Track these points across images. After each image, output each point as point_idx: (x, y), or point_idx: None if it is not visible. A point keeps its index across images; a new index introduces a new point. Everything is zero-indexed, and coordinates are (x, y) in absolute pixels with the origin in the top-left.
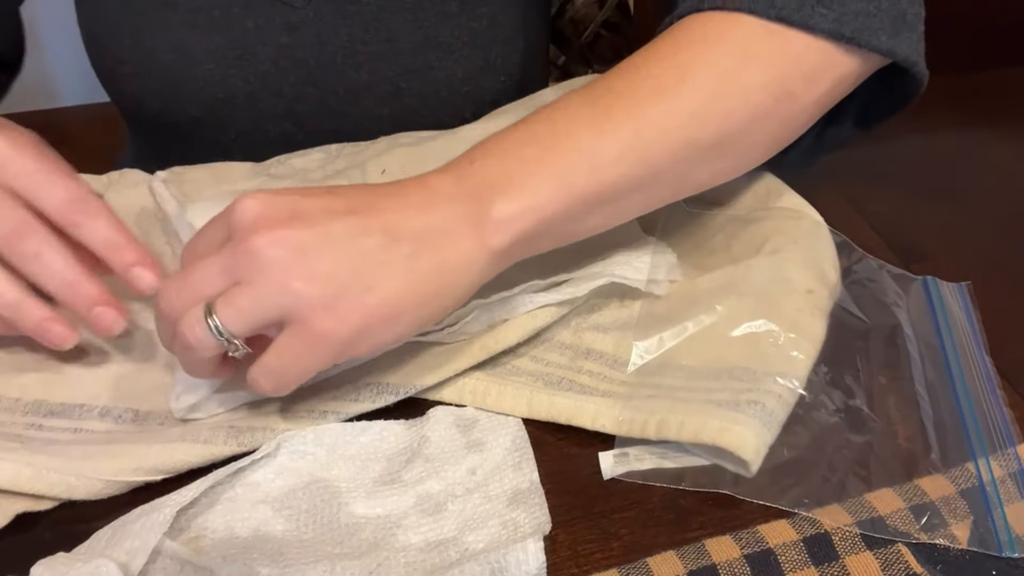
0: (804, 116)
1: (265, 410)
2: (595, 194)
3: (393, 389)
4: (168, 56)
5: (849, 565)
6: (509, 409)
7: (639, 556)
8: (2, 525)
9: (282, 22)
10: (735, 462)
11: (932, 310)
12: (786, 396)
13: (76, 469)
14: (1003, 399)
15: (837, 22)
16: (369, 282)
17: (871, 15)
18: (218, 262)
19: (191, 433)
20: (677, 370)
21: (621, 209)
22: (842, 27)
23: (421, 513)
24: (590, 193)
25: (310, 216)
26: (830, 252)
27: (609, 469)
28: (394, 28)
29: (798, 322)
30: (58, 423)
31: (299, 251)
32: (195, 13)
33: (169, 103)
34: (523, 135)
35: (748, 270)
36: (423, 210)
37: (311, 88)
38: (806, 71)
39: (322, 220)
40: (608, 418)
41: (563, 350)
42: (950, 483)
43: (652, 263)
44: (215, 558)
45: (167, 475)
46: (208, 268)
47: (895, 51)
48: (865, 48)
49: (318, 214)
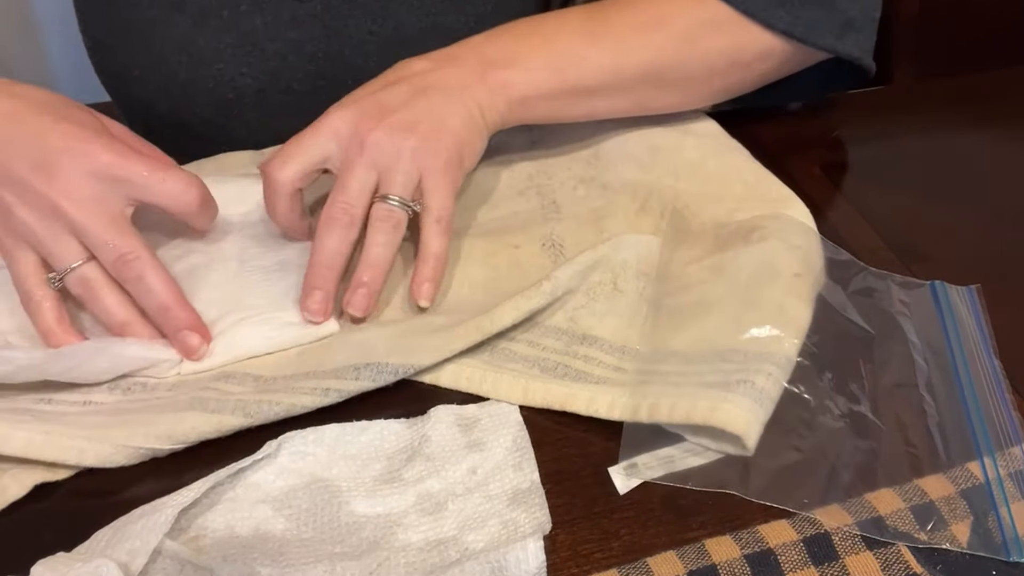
0: (751, 82)
1: (272, 386)
2: (577, 85)
3: (392, 369)
4: (177, 57)
5: (849, 565)
6: (505, 396)
7: (639, 556)
8: (20, 495)
9: (290, 17)
10: (734, 443)
11: (940, 315)
12: (776, 374)
13: (88, 435)
14: (1012, 402)
15: (791, 24)
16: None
17: (821, 21)
18: (359, 165)
19: (200, 402)
20: (670, 355)
21: (594, 106)
22: (795, 29)
23: (421, 512)
24: (574, 83)
25: (387, 103)
26: (815, 241)
27: (623, 485)
28: (400, 16)
29: (785, 305)
30: (68, 396)
31: (402, 128)
32: (203, 13)
33: (179, 104)
34: (533, 28)
35: (736, 256)
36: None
37: (320, 81)
38: (759, 51)
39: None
40: (602, 403)
41: (559, 335)
42: (950, 483)
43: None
44: (215, 558)
45: (176, 443)
46: (354, 172)
47: (838, 50)
48: (812, 47)
49: (392, 97)
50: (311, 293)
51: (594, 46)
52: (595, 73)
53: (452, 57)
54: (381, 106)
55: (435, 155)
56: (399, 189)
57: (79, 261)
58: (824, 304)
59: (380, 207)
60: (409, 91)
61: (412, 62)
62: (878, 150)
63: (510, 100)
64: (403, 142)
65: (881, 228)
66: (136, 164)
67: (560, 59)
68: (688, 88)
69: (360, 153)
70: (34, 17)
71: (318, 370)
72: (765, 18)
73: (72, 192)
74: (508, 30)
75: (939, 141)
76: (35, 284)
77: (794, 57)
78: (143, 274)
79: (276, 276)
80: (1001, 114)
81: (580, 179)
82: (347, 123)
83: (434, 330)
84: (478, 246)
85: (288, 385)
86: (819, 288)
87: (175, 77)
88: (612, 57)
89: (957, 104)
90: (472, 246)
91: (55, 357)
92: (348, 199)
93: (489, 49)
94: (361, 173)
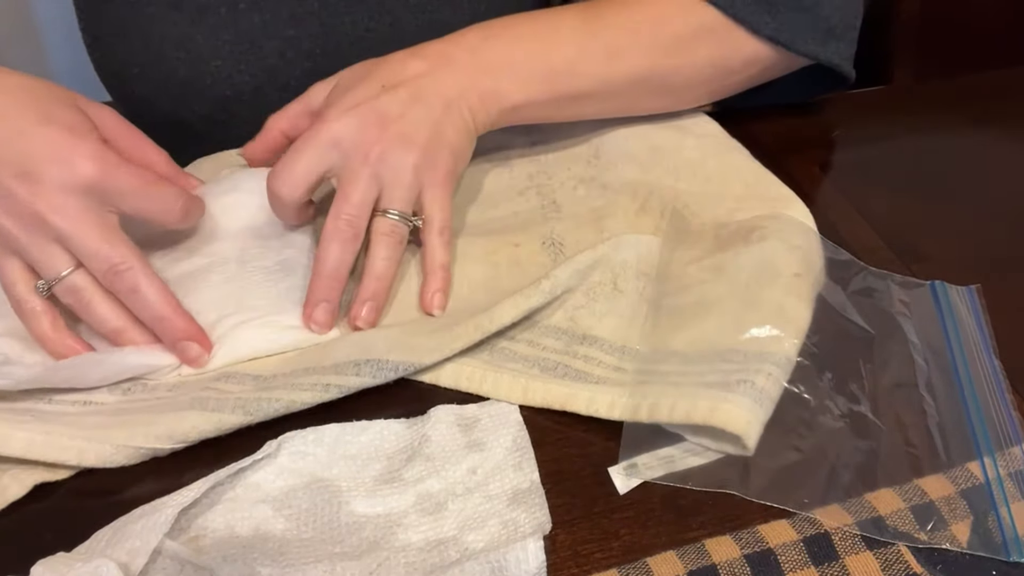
0: (737, 86)
1: (272, 383)
2: (568, 92)
3: (393, 366)
4: (176, 55)
5: (849, 565)
6: (505, 396)
7: (639, 556)
8: (20, 495)
9: (288, 14)
10: (734, 443)
11: (940, 315)
12: (776, 374)
13: (88, 436)
14: (1012, 402)
15: (777, 30)
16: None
17: (805, 27)
18: (362, 178)
19: (199, 402)
20: (670, 356)
21: (583, 110)
22: (780, 34)
23: (421, 512)
24: (565, 91)
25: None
26: (815, 241)
27: (623, 485)
28: (397, 12)
29: (785, 305)
30: (68, 396)
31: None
32: (202, 11)
33: (178, 102)
34: (527, 33)
35: (736, 256)
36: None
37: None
38: (745, 57)
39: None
40: (602, 403)
41: (559, 335)
42: (950, 483)
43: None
44: (215, 558)
45: (176, 443)
46: (357, 186)
47: (819, 56)
48: (795, 53)
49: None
50: (317, 305)
51: (587, 53)
52: (587, 81)
53: (447, 58)
54: (381, 115)
55: (435, 169)
56: (401, 204)
57: (67, 270)
58: (824, 304)
59: (384, 222)
60: (407, 98)
61: (407, 60)
62: (878, 150)
63: (501, 108)
64: (406, 157)
65: (881, 228)
66: (119, 177)
67: (553, 68)
68: (677, 92)
69: (364, 165)
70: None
71: (318, 366)
72: (752, 23)
73: (56, 202)
74: (505, 29)
75: (939, 141)
76: (24, 291)
77: (779, 63)
78: (136, 285)
79: (277, 276)
80: (1001, 114)
81: (580, 179)
82: (349, 133)
83: (434, 329)
84: (478, 245)
85: (288, 382)
86: (819, 288)
87: (174, 75)
88: (604, 65)
89: (957, 104)
90: (472, 245)
91: (53, 371)
92: (352, 211)
93: (484, 53)
94: (364, 185)
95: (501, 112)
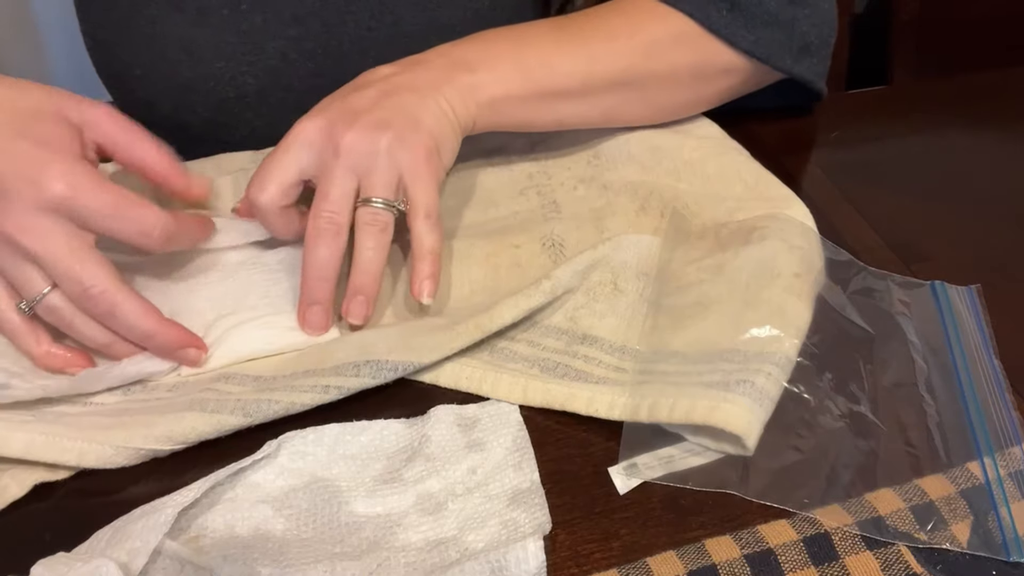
0: (714, 97)
1: (272, 384)
2: (546, 88)
3: (392, 366)
4: (178, 56)
5: (849, 565)
6: (505, 395)
7: (639, 556)
8: (20, 495)
9: (290, 15)
10: (734, 443)
11: (940, 315)
12: (776, 374)
13: (88, 437)
14: (1012, 402)
15: (754, 44)
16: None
17: (781, 43)
18: (337, 172)
19: (199, 403)
20: (670, 355)
21: (562, 112)
22: (757, 49)
23: (421, 512)
24: (543, 86)
25: (357, 106)
26: (815, 241)
27: (623, 485)
28: (399, 12)
29: (785, 305)
30: (68, 397)
31: (375, 128)
32: (203, 12)
33: (180, 104)
34: (502, 36)
35: (736, 256)
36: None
37: (320, 79)
38: (722, 67)
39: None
40: (602, 403)
41: (559, 335)
42: (950, 483)
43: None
44: (215, 558)
45: (176, 444)
46: (333, 181)
47: (794, 72)
48: (771, 67)
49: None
50: (309, 307)
51: (563, 52)
52: (564, 78)
53: (418, 61)
54: (350, 110)
55: (412, 149)
56: (381, 190)
57: (45, 289)
58: (824, 304)
59: (365, 211)
60: (377, 93)
61: (377, 69)
62: (878, 150)
63: (479, 102)
64: (378, 141)
65: (881, 228)
66: (89, 197)
67: (528, 62)
68: (655, 100)
69: (336, 158)
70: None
71: (318, 368)
72: (728, 36)
73: (25, 223)
74: (477, 37)
75: (939, 141)
76: (5, 310)
77: (754, 76)
78: (112, 308)
79: (278, 275)
80: (1001, 114)
81: (580, 179)
82: (318, 131)
83: (434, 329)
84: (478, 246)
85: (287, 383)
86: (819, 288)
87: (176, 76)
88: (581, 63)
89: (957, 104)
90: (472, 246)
91: (52, 389)
92: (331, 207)
93: (457, 53)
94: (340, 179)
95: (479, 106)
